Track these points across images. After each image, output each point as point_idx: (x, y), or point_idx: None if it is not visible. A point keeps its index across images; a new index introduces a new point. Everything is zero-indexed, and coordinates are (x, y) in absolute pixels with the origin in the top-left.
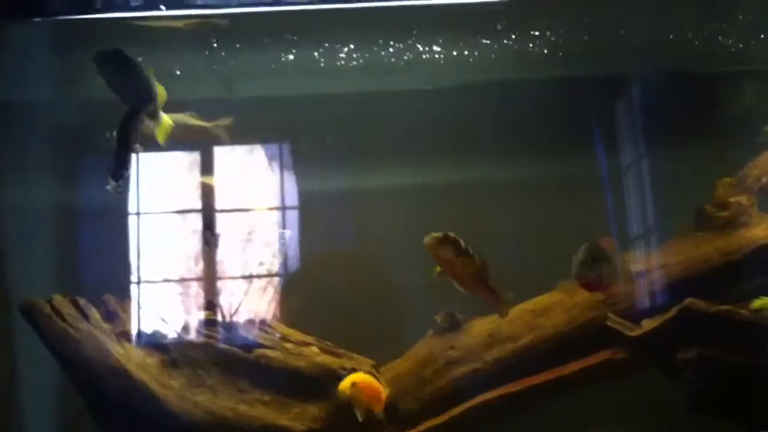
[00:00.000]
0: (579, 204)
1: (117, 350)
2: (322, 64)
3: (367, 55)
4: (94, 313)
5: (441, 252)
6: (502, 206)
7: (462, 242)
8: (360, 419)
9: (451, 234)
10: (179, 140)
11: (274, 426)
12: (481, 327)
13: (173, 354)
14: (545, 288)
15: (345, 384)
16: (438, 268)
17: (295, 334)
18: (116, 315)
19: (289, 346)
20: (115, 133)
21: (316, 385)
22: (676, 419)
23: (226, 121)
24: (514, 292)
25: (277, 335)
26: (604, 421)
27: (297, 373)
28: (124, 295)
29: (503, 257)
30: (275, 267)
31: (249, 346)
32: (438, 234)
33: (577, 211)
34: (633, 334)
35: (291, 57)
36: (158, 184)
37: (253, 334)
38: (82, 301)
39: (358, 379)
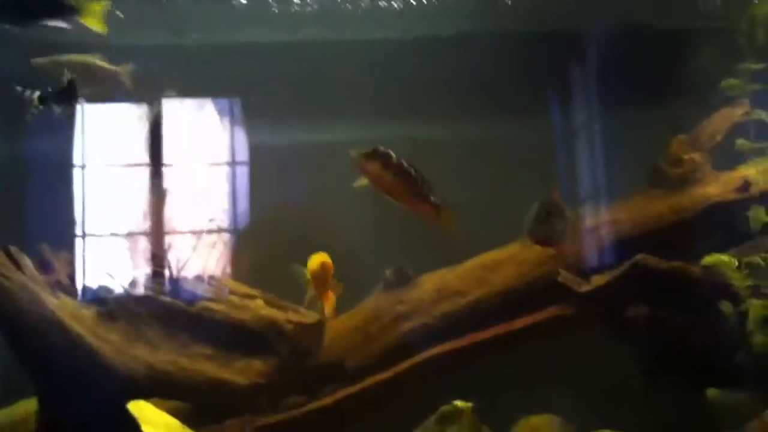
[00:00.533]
0: (532, 161)
1: (52, 301)
2: (275, 11)
3: (321, 2)
4: (28, 263)
5: (367, 165)
6: (455, 162)
7: (393, 156)
8: (318, 299)
9: (381, 148)
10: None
11: (217, 380)
12: (430, 282)
13: (111, 306)
14: (497, 244)
15: (314, 262)
16: (364, 180)
17: (240, 287)
18: (51, 265)
19: (233, 299)
20: None
21: (260, 338)
22: (622, 378)
23: (128, 67)
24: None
25: (221, 288)
26: (550, 379)
27: (241, 326)
28: (62, 247)
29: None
30: (223, 223)
31: (191, 299)
32: (365, 149)
33: (530, 167)
34: (582, 289)
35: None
36: (104, 136)
37: (195, 287)
38: (14, 250)
39: (327, 259)
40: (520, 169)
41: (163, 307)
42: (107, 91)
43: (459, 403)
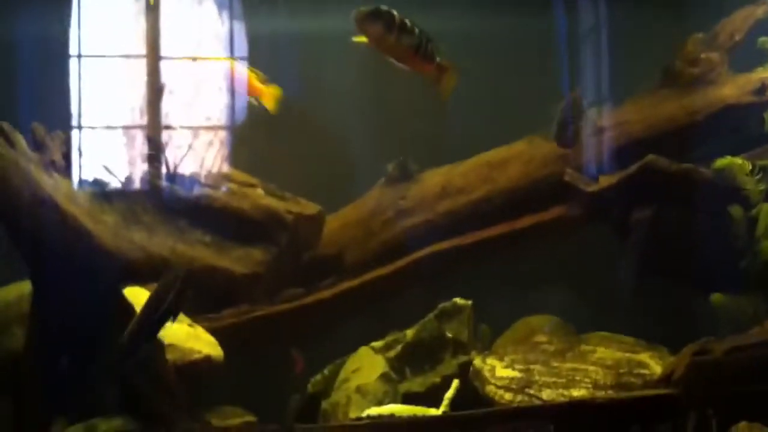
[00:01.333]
0: (541, 59)
1: (45, 181)
2: None
3: None
4: (20, 141)
5: (369, 28)
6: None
7: (396, 16)
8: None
9: (384, 8)
10: None
11: (215, 267)
12: (434, 178)
13: (107, 187)
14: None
15: None
16: (363, 38)
17: (240, 175)
18: (44, 145)
19: (232, 186)
20: None
21: (260, 228)
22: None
23: None
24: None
25: (220, 176)
26: (551, 279)
27: (240, 214)
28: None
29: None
30: (221, 117)
31: (189, 185)
32: (367, 8)
33: (540, 66)
34: (590, 189)
35: None
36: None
37: (193, 173)
38: (6, 126)
39: None
40: (529, 67)
41: (159, 191)
42: None
43: (459, 300)
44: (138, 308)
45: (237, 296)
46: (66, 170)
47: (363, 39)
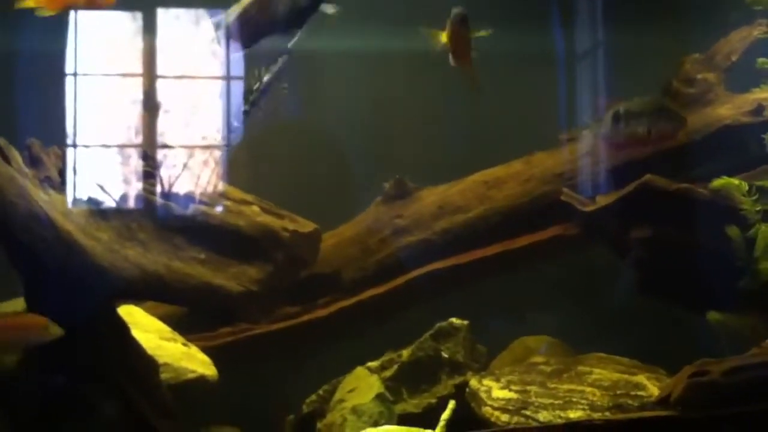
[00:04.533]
0: (540, 80)
1: (41, 197)
2: None
3: None
4: (16, 156)
5: (461, 28)
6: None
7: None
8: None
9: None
10: None
11: (210, 285)
12: (431, 196)
13: (102, 204)
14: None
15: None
16: (444, 38)
17: (236, 192)
18: (40, 161)
19: (228, 203)
20: None
21: (256, 245)
22: (623, 300)
23: None
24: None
25: (217, 192)
26: (549, 299)
27: (236, 231)
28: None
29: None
30: (218, 135)
31: (186, 201)
32: (462, 10)
33: (537, 87)
34: (587, 209)
35: None
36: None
37: (189, 189)
38: (1, 142)
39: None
40: (526, 86)
41: (155, 207)
42: None
43: (455, 320)
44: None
45: (233, 314)
46: (62, 186)
47: (438, 33)
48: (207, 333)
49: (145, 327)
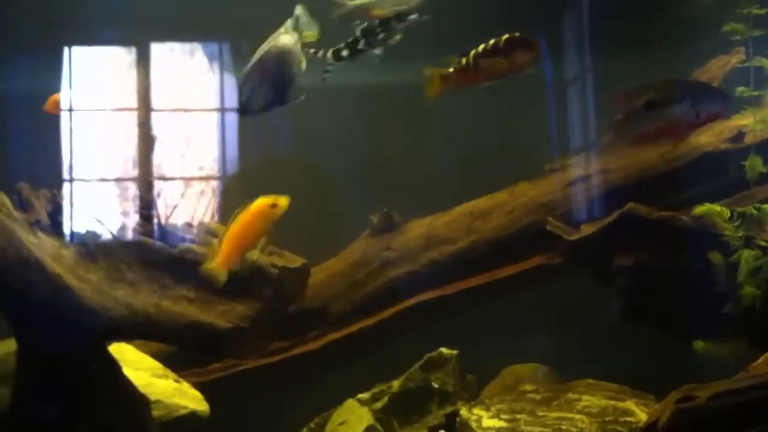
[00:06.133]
0: (520, 109)
1: (30, 240)
2: None
3: None
4: (6, 201)
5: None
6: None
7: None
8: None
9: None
10: None
11: (199, 323)
12: (418, 228)
13: (91, 246)
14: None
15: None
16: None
17: (224, 230)
18: (30, 204)
19: (215, 242)
20: None
21: (244, 282)
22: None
23: None
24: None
25: (205, 231)
26: (536, 327)
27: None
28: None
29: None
30: (210, 169)
31: (174, 242)
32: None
33: (519, 116)
34: (571, 238)
35: None
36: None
37: (178, 230)
38: None
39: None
40: (511, 114)
41: (144, 249)
42: None
43: (444, 350)
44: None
45: (222, 351)
46: (51, 228)
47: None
48: (198, 369)
49: (136, 364)
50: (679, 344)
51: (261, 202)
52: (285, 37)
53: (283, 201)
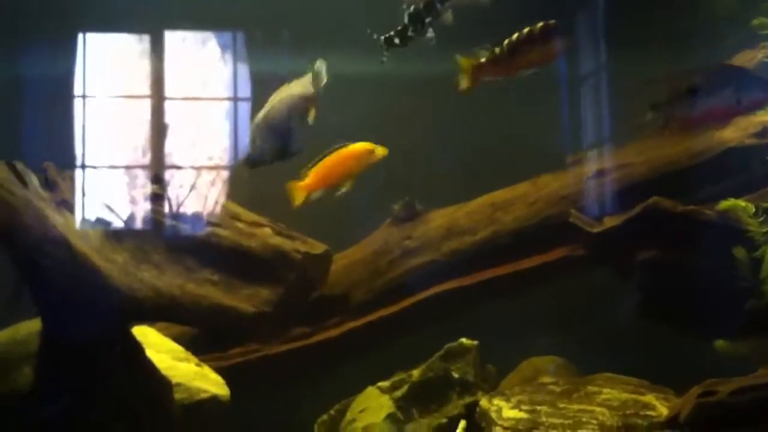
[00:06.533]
0: (544, 102)
1: (57, 219)
2: None
3: None
4: (33, 180)
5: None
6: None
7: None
8: None
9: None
10: None
11: (223, 306)
12: (439, 218)
13: (116, 227)
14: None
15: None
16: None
17: (248, 214)
18: (56, 184)
19: (240, 225)
20: None
21: (268, 267)
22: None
23: None
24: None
25: (229, 214)
26: (556, 320)
27: (248, 253)
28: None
29: (463, 152)
30: (226, 157)
31: (198, 224)
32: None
33: (542, 109)
34: (594, 230)
35: None
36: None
37: (202, 212)
38: (19, 166)
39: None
40: (531, 109)
41: (168, 230)
42: None
43: (465, 341)
44: (146, 347)
45: (244, 335)
46: (78, 209)
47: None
48: (218, 353)
49: (158, 347)
50: (698, 341)
51: (361, 145)
52: (296, 89)
53: (380, 150)
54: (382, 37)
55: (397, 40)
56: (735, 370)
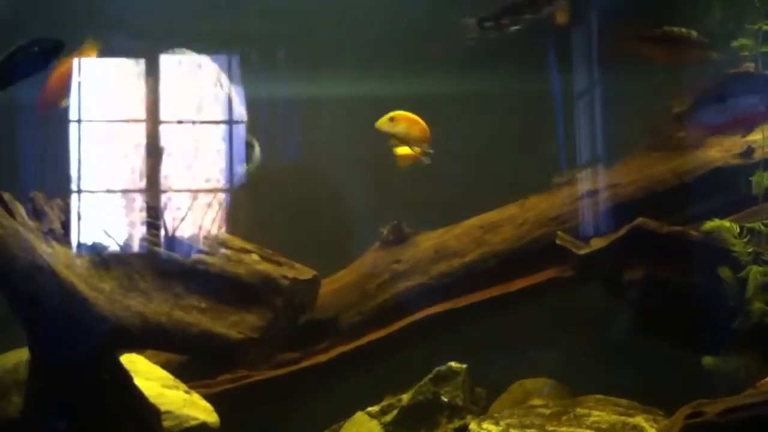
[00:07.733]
0: (530, 121)
1: (44, 249)
2: None
3: None
4: (20, 210)
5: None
6: (456, 119)
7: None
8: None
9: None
10: None
11: (211, 333)
12: (428, 241)
13: (104, 255)
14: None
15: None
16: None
17: (235, 241)
18: (44, 213)
19: (228, 252)
20: None
21: (255, 293)
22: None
23: None
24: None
25: (216, 241)
26: (545, 340)
27: (236, 280)
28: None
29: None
30: (219, 181)
31: (186, 251)
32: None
33: (528, 128)
34: (581, 252)
35: None
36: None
37: (190, 239)
38: (6, 197)
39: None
40: (517, 130)
41: (157, 259)
42: None
43: (454, 364)
44: (134, 375)
45: (233, 361)
46: (64, 238)
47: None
48: (207, 380)
49: (147, 375)
50: (688, 359)
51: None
52: None
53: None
54: (476, 18)
55: (488, 23)
56: (726, 385)
